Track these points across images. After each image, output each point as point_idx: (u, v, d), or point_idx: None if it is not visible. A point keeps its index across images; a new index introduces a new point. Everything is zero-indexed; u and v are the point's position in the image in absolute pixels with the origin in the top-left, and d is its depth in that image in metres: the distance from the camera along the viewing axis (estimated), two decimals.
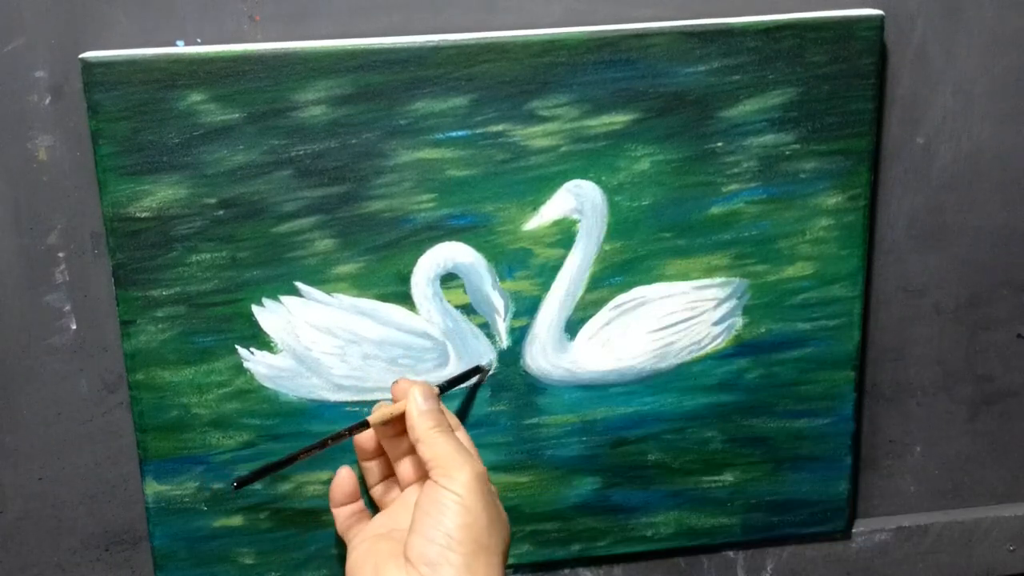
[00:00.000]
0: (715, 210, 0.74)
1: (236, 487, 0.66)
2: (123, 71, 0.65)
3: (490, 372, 0.74)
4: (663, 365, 0.76)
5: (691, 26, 0.69)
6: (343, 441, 0.68)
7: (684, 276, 0.75)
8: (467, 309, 0.73)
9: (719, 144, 0.72)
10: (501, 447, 0.76)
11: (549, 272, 0.73)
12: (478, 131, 0.69)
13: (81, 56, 0.65)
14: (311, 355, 0.72)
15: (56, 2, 0.66)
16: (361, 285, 0.72)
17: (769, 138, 0.73)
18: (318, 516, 0.76)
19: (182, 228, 0.69)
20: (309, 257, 0.71)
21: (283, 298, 0.71)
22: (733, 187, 0.73)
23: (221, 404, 0.72)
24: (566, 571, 0.83)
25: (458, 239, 0.72)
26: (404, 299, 0.72)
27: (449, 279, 0.72)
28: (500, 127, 0.70)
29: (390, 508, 0.70)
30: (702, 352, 0.77)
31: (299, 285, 0.71)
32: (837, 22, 0.71)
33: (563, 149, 0.71)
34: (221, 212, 0.69)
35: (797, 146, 0.73)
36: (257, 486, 0.74)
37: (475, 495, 0.61)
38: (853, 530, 0.85)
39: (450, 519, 0.60)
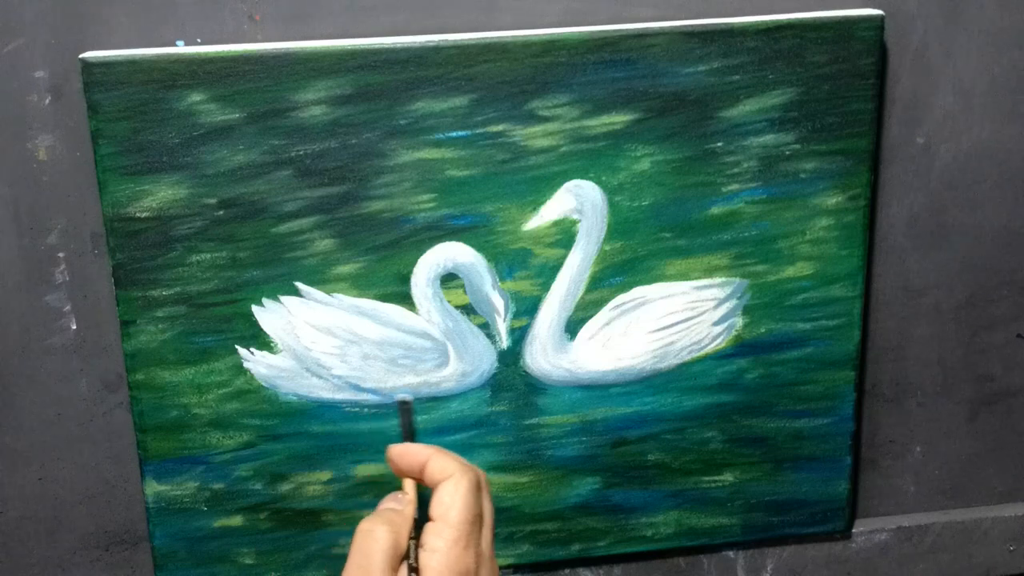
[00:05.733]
0: (715, 210, 0.74)
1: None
2: (123, 71, 0.65)
3: (411, 402, 0.72)
4: (663, 365, 0.76)
5: (691, 26, 0.69)
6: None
7: (684, 276, 0.75)
8: (467, 309, 0.73)
9: (719, 144, 0.72)
10: (501, 447, 0.76)
11: (549, 272, 0.73)
12: (478, 131, 0.69)
13: (81, 56, 0.65)
14: (311, 355, 0.72)
15: (56, 2, 0.66)
16: (361, 285, 0.72)
17: (769, 138, 0.73)
18: (318, 516, 0.76)
19: (182, 228, 0.69)
20: (309, 257, 0.71)
21: (283, 298, 0.71)
22: (733, 187, 0.73)
23: (221, 404, 0.72)
24: (566, 571, 0.83)
25: (458, 239, 0.72)
26: (404, 299, 0.72)
27: (449, 279, 0.72)
28: (500, 127, 0.70)
29: None
30: (702, 352, 0.77)
31: (299, 285, 0.71)
32: (837, 22, 0.71)
33: (563, 149, 0.71)
34: (221, 212, 0.69)
35: (797, 146, 0.73)
36: (257, 486, 0.74)
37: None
38: (853, 530, 0.85)
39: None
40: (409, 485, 0.60)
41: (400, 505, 0.59)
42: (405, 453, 0.60)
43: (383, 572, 0.54)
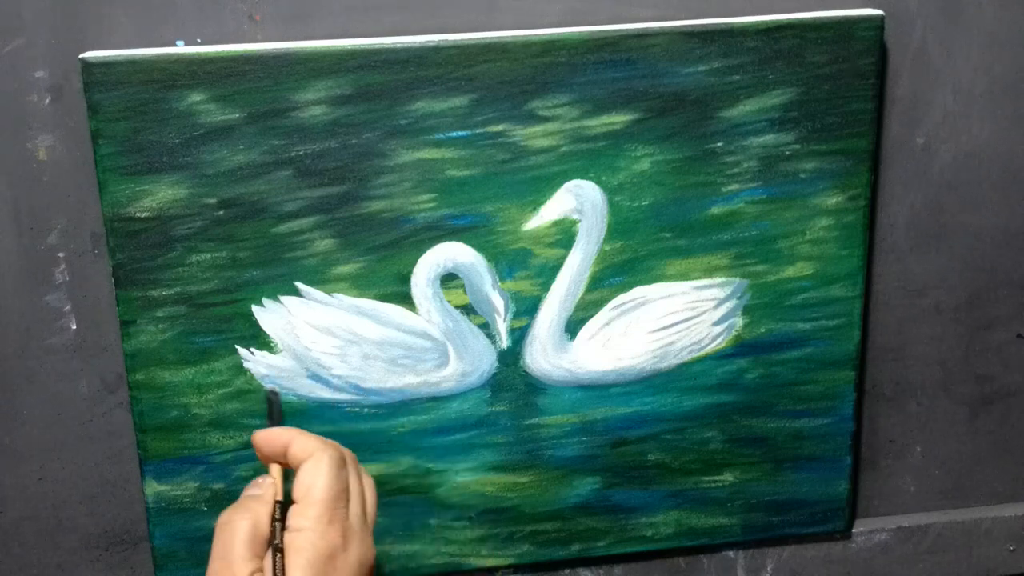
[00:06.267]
0: (715, 210, 0.74)
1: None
2: (123, 71, 0.65)
3: (280, 394, 0.71)
4: (663, 365, 0.76)
5: (691, 26, 0.69)
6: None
7: (684, 276, 0.75)
8: (467, 309, 0.73)
9: (719, 144, 0.72)
10: (501, 447, 0.76)
11: (549, 272, 0.73)
12: (478, 131, 0.69)
13: (81, 56, 0.65)
14: (311, 355, 0.72)
15: (56, 2, 0.66)
16: (361, 285, 0.72)
17: (769, 138, 0.73)
18: None
19: (182, 228, 0.69)
20: (309, 257, 0.71)
21: (283, 298, 0.71)
22: (733, 187, 0.73)
23: (221, 404, 0.72)
24: (566, 571, 0.83)
25: (458, 239, 0.72)
26: (404, 299, 0.72)
27: (449, 279, 0.72)
28: (500, 127, 0.70)
29: None
30: (702, 352, 0.77)
31: (299, 285, 0.71)
32: (837, 22, 0.71)
33: (563, 149, 0.71)
34: (221, 212, 0.69)
35: (797, 146, 0.73)
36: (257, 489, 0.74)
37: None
38: (853, 530, 0.85)
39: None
40: (275, 470, 0.60)
41: (260, 490, 0.59)
42: (268, 437, 0.60)
43: (244, 560, 0.55)
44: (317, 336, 0.72)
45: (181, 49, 0.66)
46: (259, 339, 0.72)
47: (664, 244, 0.74)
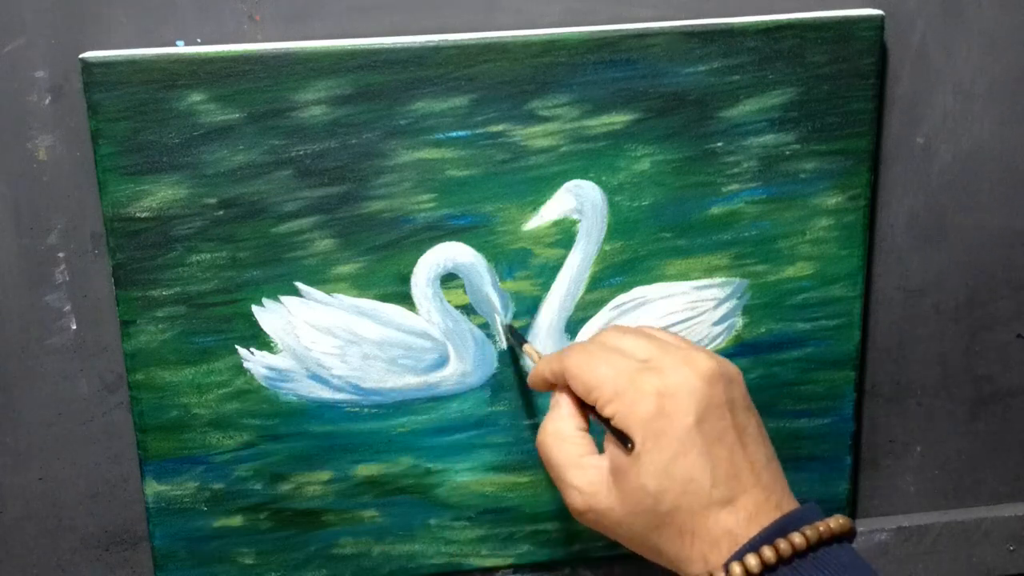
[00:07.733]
0: (715, 210, 0.74)
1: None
2: (123, 71, 0.65)
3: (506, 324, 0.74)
4: None
5: (691, 26, 0.69)
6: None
7: (684, 276, 0.75)
8: (467, 309, 0.73)
9: (719, 144, 0.72)
10: (501, 447, 0.76)
11: (549, 272, 0.73)
12: (478, 131, 0.69)
13: (81, 56, 0.65)
14: (311, 355, 0.72)
15: (56, 2, 0.66)
16: (361, 285, 0.72)
17: (769, 138, 0.73)
18: (318, 516, 0.76)
19: (182, 228, 0.69)
20: (309, 257, 0.71)
21: (283, 298, 0.71)
22: (733, 187, 0.73)
23: (221, 404, 0.72)
24: (566, 571, 0.83)
25: (458, 239, 0.72)
26: (404, 299, 0.72)
27: (449, 279, 0.72)
28: (500, 127, 0.70)
29: None
30: None
31: (299, 285, 0.71)
32: (837, 22, 0.71)
33: (563, 149, 0.71)
34: (221, 212, 0.69)
35: (797, 146, 0.73)
36: (257, 486, 0.74)
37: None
38: None
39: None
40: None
41: (555, 401, 0.62)
42: (535, 383, 0.64)
43: (568, 466, 0.59)
44: (317, 336, 0.72)
45: (181, 49, 0.66)
46: (259, 339, 0.72)
47: (664, 244, 0.74)
